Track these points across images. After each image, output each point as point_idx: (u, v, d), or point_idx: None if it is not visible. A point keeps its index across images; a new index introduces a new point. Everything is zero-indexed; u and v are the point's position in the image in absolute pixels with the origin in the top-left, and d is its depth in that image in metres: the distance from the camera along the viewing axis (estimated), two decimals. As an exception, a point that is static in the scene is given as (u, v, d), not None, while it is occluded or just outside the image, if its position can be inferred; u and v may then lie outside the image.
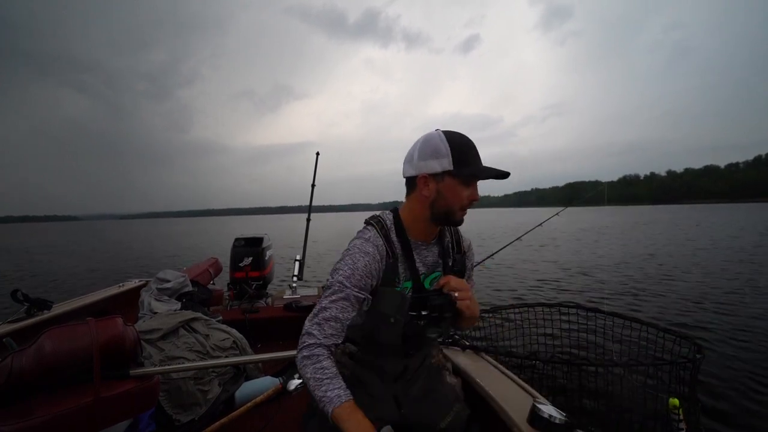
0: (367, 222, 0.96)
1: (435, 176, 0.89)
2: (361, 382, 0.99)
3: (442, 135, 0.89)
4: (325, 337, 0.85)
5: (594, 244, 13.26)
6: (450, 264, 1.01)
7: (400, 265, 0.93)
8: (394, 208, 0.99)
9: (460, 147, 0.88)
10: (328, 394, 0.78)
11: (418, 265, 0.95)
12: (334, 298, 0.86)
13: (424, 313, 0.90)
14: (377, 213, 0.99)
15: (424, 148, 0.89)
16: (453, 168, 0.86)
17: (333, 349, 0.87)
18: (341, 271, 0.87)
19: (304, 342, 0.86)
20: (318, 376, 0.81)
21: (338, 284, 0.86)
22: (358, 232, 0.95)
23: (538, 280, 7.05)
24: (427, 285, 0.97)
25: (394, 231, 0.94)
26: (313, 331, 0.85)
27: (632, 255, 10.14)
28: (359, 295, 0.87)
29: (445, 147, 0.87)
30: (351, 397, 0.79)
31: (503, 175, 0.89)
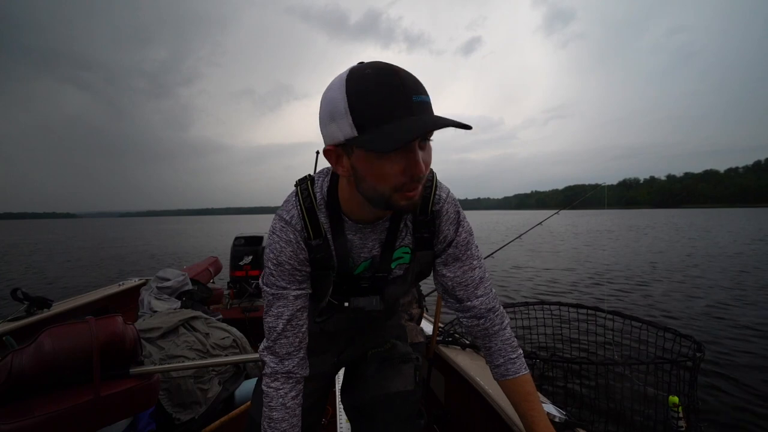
0: (297, 185, 0.74)
1: (343, 148, 0.58)
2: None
3: (344, 78, 0.54)
4: (280, 361, 0.74)
5: (593, 246, 13.27)
6: (402, 238, 0.76)
7: (332, 246, 0.73)
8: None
9: (364, 96, 0.52)
10: None
11: (358, 249, 0.75)
12: (273, 310, 0.73)
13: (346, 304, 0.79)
14: (316, 174, 0.76)
15: (324, 104, 0.58)
16: (357, 134, 0.54)
17: (297, 375, 0.76)
18: (267, 273, 0.74)
19: (263, 371, 0.76)
20: (266, 425, 0.73)
21: (270, 291, 0.73)
22: (284, 200, 0.74)
23: (538, 280, 7.05)
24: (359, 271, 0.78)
25: (324, 207, 0.72)
26: (267, 358, 0.75)
27: (632, 256, 10.15)
28: (297, 292, 0.73)
29: (342, 100, 0.53)
30: None
31: (437, 124, 0.51)
